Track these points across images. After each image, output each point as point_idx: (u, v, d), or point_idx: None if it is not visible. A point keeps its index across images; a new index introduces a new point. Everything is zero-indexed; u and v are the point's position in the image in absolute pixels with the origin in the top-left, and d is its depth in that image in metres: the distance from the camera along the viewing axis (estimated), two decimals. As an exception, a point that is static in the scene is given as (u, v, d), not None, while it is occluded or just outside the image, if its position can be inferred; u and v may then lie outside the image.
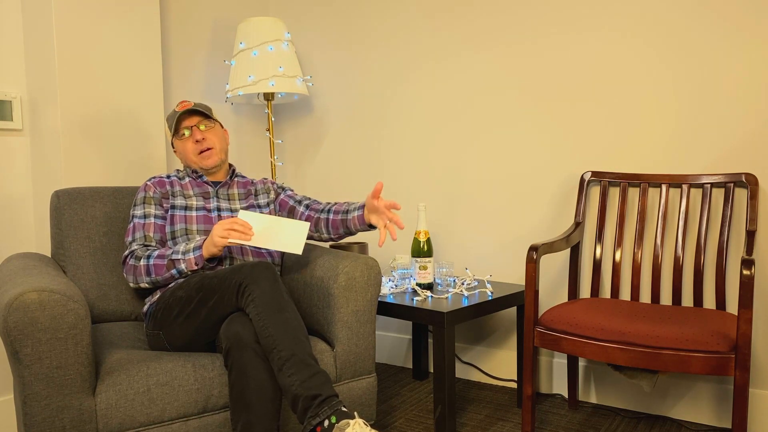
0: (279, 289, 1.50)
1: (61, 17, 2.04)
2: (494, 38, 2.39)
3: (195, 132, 1.85)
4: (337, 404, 1.39)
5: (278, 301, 1.48)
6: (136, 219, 1.78)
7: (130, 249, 1.73)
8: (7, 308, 1.27)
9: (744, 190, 1.95)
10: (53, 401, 1.31)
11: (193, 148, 1.85)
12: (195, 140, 1.84)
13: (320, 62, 2.89)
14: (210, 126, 1.87)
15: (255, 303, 1.46)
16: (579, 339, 1.70)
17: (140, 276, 1.68)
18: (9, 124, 2.09)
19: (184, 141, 1.86)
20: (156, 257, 1.67)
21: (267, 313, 1.45)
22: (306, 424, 1.38)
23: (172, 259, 1.66)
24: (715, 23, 1.97)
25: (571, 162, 2.26)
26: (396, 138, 2.68)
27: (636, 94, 2.12)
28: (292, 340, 1.43)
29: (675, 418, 2.09)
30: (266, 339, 1.43)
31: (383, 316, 2.54)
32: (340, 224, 1.82)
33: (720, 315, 1.75)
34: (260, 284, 1.48)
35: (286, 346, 1.42)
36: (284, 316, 1.46)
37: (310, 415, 1.37)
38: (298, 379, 1.40)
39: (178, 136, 1.87)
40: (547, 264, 2.35)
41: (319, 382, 1.41)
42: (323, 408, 1.37)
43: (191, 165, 1.87)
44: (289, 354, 1.41)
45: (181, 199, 1.82)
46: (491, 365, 2.48)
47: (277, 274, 1.54)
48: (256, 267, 1.52)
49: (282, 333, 1.43)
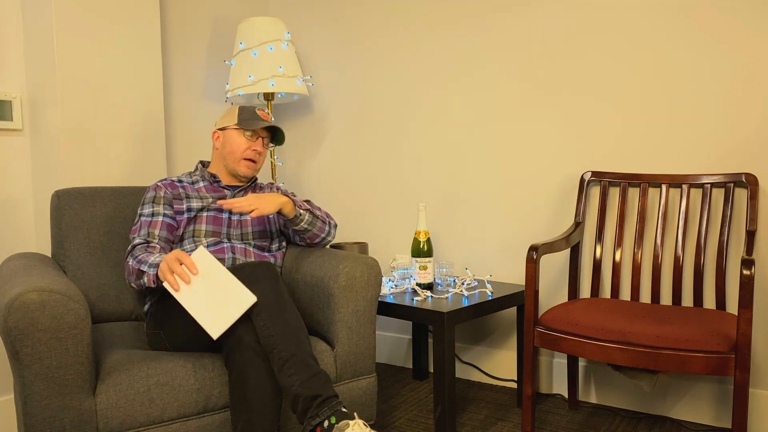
0: (280, 290, 1.50)
1: (61, 17, 2.04)
2: (494, 38, 2.40)
3: (259, 143, 1.84)
4: (336, 405, 1.39)
5: (279, 302, 1.48)
6: (144, 217, 1.75)
7: (132, 244, 1.70)
8: (7, 308, 1.27)
9: (744, 190, 1.95)
10: (53, 401, 1.31)
11: (248, 153, 1.83)
12: (253, 148, 1.83)
13: (320, 62, 2.89)
14: (269, 148, 1.86)
15: (256, 303, 1.46)
16: (579, 339, 1.70)
17: (129, 276, 1.64)
18: (9, 124, 2.09)
19: (246, 140, 1.83)
20: (136, 261, 1.62)
21: (268, 313, 1.45)
22: (306, 424, 1.38)
23: (140, 269, 1.60)
24: (714, 23, 1.97)
25: (571, 162, 2.26)
26: (396, 138, 2.68)
27: (636, 94, 2.12)
28: (292, 341, 1.43)
29: (675, 418, 2.09)
30: (267, 339, 1.43)
31: (383, 316, 2.54)
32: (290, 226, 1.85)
33: (720, 315, 1.75)
34: (261, 284, 1.48)
35: (287, 346, 1.42)
36: (285, 317, 1.46)
37: (310, 416, 1.37)
38: (298, 379, 1.40)
39: (242, 130, 1.83)
40: (547, 264, 2.35)
41: (320, 382, 1.41)
42: (323, 408, 1.37)
43: (228, 160, 1.85)
44: (290, 354, 1.41)
45: (198, 202, 1.80)
46: (491, 365, 2.48)
47: (278, 275, 1.54)
48: (258, 267, 1.52)
49: (283, 333, 1.43)
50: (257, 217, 1.84)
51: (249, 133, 1.83)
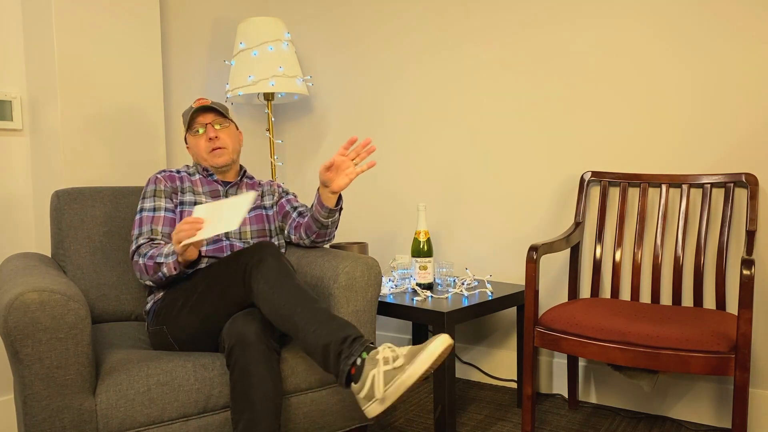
0: (283, 262, 1.53)
1: (61, 17, 2.04)
2: (495, 39, 2.40)
3: (209, 130, 1.84)
4: (365, 341, 1.39)
5: (286, 270, 1.50)
6: (145, 212, 1.76)
7: (137, 244, 1.71)
8: (7, 308, 1.27)
9: (744, 190, 1.95)
10: (53, 401, 1.31)
11: (206, 146, 1.84)
12: (208, 138, 1.84)
13: (320, 62, 2.89)
14: (225, 126, 1.87)
15: (264, 277, 1.48)
16: (579, 339, 1.70)
17: (143, 274, 1.67)
18: (9, 124, 2.09)
19: (198, 137, 1.85)
20: (148, 257, 1.65)
21: (277, 282, 1.47)
22: (342, 365, 1.37)
23: (157, 262, 1.63)
24: (714, 23, 1.97)
25: (571, 162, 2.26)
26: (396, 138, 2.68)
27: (636, 95, 2.12)
28: (307, 303, 1.45)
29: (675, 418, 2.09)
30: (282, 308, 1.44)
31: (383, 316, 2.54)
32: (311, 219, 1.83)
33: (720, 315, 1.75)
34: (266, 260, 1.50)
35: (303, 309, 1.43)
36: (294, 282, 1.48)
37: (345, 355, 1.37)
38: (323, 331, 1.40)
39: (192, 131, 1.86)
40: (547, 264, 2.35)
41: (342, 325, 1.41)
42: (355, 346, 1.37)
43: (202, 162, 1.87)
44: (310, 315, 1.43)
45: (191, 196, 1.82)
46: (491, 365, 2.48)
47: (280, 251, 1.56)
48: (259, 246, 1.54)
49: (296, 297, 1.45)
50: (255, 215, 1.88)
51: (197, 129, 1.85)
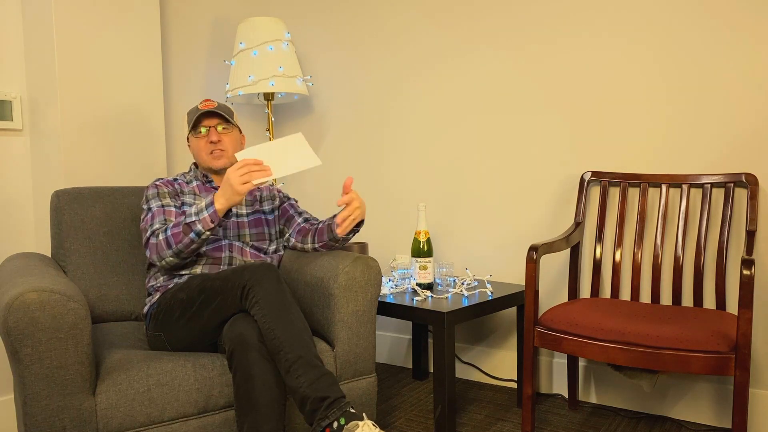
0: (283, 290, 1.50)
1: (61, 17, 2.04)
2: (495, 39, 2.40)
3: (212, 133, 1.84)
4: (345, 405, 1.39)
5: (283, 303, 1.48)
6: (155, 208, 1.75)
7: (152, 230, 1.69)
8: (7, 308, 1.27)
9: (744, 190, 1.95)
10: (53, 401, 1.31)
11: (206, 148, 1.85)
12: (210, 140, 1.84)
13: (320, 62, 2.89)
14: (228, 130, 1.87)
15: (260, 305, 1.46)
16: (579, 339, 1.70)
17: (163, 251, 1.65)
18: (9, 124, 2.09)
19: (200, 138, 1.86)
20: (172, 227, 1.64)
21: (272, 315, 1.45)
22: (315, 425, 1.38)
23: (186, 223, 1.62)
24: (714, 23, 1.97)
25: (571, 162, 2.26)
26: (396, 138, 2.68)
27: (636, 95, 2.12)
28: (298, 342, 1.44)
29: (675, 418, 2.09)
30: (273, 341, 1.44)
31: (383, 316, 2.54)
32: (326, 228, 1.84)
33: (720, 315, 1.75)
34: (264, 286, 1.48)
35: (293, 348, 1.43)
36: (290, 318, 1.46)
37: (320, 417, 1.38)
38: (306, 381, 1.40)
39: (195, 132, 1.87)
40: (547, 264, 2.35)
41: (327, 383, 1.41)
42: (332, 410, 1.38)
43: (202, 163, 1.88)
44: (296, 356, 1.42)
45: (190, 198, 1.83)
46: (491, 365, 2.48)
47: (281, 276, 1.54)
48: (259, 268, 1.52)
49: (288, 335, 1.44)
50: (254, 219, 1.89)
51: (200, 130, 1.86)
